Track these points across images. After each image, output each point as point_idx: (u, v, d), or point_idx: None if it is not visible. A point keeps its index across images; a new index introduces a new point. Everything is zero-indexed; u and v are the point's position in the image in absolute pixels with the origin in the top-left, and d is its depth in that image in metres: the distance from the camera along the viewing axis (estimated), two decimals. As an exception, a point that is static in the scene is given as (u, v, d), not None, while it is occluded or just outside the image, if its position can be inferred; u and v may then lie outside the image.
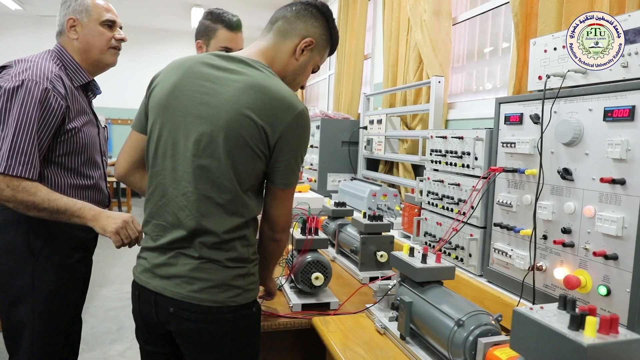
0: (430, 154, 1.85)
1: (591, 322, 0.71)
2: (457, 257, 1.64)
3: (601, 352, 0.68)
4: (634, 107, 1.01)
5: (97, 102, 1.73)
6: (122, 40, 1.64)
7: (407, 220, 2.08)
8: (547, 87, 1.25)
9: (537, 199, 1.24)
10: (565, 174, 1.18)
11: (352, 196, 2.78)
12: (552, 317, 0.78)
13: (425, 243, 1.85)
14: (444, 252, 1.70)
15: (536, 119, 1.27)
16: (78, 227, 1.55)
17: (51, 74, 1.43)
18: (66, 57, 1.55)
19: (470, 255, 1.57)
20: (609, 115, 1.06)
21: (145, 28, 8.45)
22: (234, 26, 1.97)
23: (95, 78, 1.66)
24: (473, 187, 1.52)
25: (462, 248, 1.62)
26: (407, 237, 2.10)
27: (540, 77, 1.31)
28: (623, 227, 1.03)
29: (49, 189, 1.41)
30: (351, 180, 3.11)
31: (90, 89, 1.64)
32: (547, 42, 1.30)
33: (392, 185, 2.96)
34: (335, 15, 4.68)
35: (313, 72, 1.34)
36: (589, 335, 0.71)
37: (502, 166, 1.40)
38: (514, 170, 1.35)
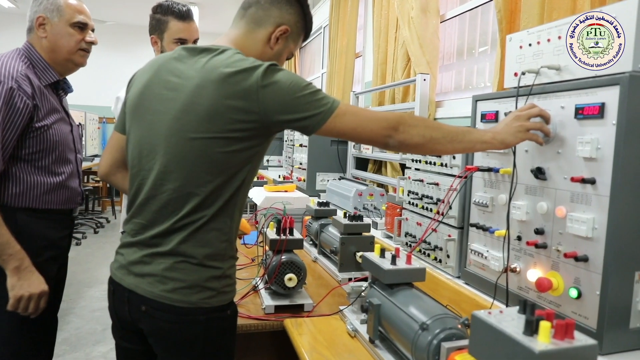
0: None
1: (545, 327, 0.68)
2: (435, 258, 1.61)
3: (553, 358, 0.65)
4: (603, 104, 0.98)
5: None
6: (92, 43, 1.61)
7: (390, 221, 2.05)
8: (523, 84, 1.22)
9: (510, 199, 1.21)
10: (538, 173, 1.15)
11: (339, 196, 2.75)
12: (510, 321, 0.75)
13: (406, 244, 1.82)
14: (424, 253, 1.67)
15: (510, 117, 1.24)
16: (48, 225, 1.53)
17: (17, 73, 1.41)
18: (34, 55, 1.53)
19: (448, 256, 1.54)
20: (580, 112, 1.03)
21: (139, 27, 8.41)
22: (184, 16, 1.91)
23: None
24: (450, 186, 1.49)
25: (441, 249, 1.59)
26: (390, 237, 2.06)
27: (516, 74, 1.28)
28: (593, 227, 1.00)
29: (2, 221, 1.38)
30: (339, 179, 3.08)
31: (60, 87, 1.61)
32: (522, 38, 1.26)
33: (381, 185, 2.93)
34: (326, 14, 4.66)
35: (287, 59, 1.30)
36: (543, 341, 0.68)
37: (478, 165, 1.37)
38: (489, 170, 1.32)
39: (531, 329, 0.70)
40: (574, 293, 1.04)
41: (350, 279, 1.63)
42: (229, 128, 1.05)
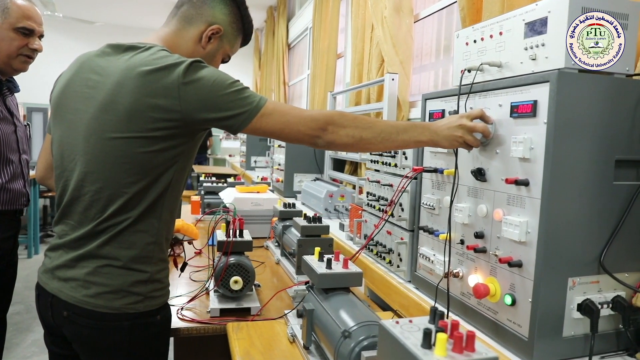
0: (371, 154, 1.78)
1: (441, 339, 0.63)
2: (390, 262, 1.56)
3: (445, 373, 0.61)
4: (536, 102, 0.93)
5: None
6: (36, 50, 1.56)
7: (352, 222, 2.01)
8: (468, 82, 1.18)
9: (452, 202, 1.17)
10: (478, 174, 1.10)
11: (312, 197, 2.71)
12: (415, 332, 0.70)
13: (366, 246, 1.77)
14: (380, 255, 1.63)
15: (455, 116, 1.20)
16: (-11, 226, 1.48)
17: None
18: None
19: (400, 259, 1.50)
20: (515, 111, 0.99)
21: (132, 28, 8.39)
22: None
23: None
24: (399, 186, 1.44)
25: (394, 252, 1.54)
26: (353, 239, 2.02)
27: (462, 71, 1.23)
28: (526, 232, 0.96)
29: None
30: (314, 180, 3.04)
31: (5, 87, 1.56)
32: (468, 34, 1.22)
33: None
34: (310, 16, 4.61)
35: (224, 62, 1.26)
36: (439, 354, 0.63)
37: (425, 166, 1.32)
38: (434, 170, 1.28)
39: (429, 341, 0.65)
40: (508, 300, 1.00)
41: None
42: (149, 127, 1.01)
